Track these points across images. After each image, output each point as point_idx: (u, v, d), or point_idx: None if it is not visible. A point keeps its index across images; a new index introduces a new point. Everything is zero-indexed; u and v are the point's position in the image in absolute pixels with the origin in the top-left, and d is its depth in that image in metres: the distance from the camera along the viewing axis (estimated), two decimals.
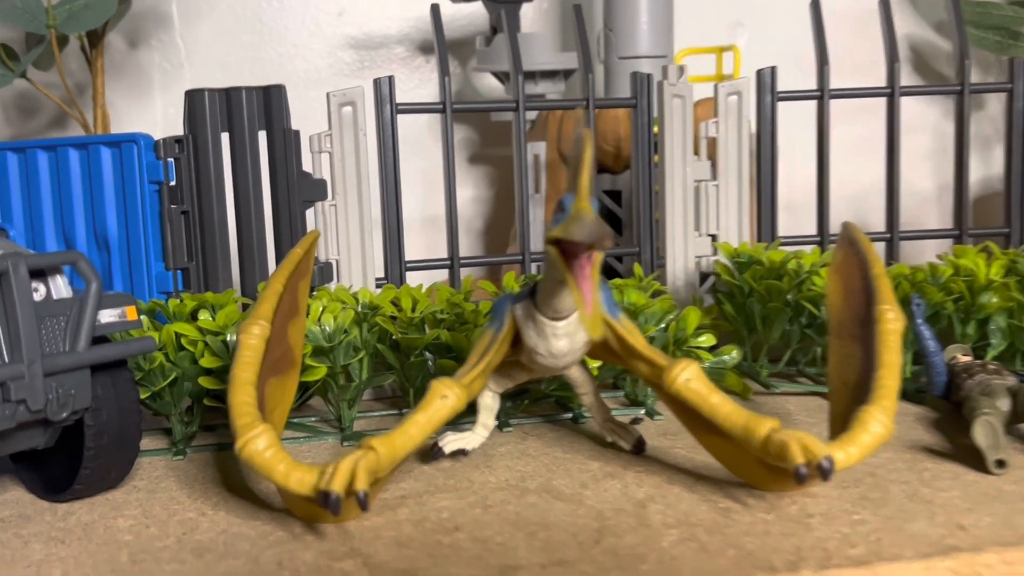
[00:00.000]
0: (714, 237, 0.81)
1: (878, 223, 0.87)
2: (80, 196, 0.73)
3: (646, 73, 0.79)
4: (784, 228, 0.83)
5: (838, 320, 0.56)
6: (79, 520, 0.52)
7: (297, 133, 0.72)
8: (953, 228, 0.84)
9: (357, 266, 0.74)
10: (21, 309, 0.47)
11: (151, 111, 1.13)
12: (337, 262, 0.74)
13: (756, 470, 0.51)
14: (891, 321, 0.51)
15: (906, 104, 0.83)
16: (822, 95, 0.81)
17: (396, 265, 0.75)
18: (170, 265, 0.72)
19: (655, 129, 0.81)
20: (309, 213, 0.74)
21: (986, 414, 0.54)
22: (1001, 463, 0.53)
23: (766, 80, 0.80)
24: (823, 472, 0.45)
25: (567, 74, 1.05)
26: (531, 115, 1.03)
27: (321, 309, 0.61)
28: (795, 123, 0.87)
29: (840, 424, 0.52)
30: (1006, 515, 0.48)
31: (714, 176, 0.81)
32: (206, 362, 0.58)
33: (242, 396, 0.48)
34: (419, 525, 0.49)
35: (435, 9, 0.78)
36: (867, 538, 0.46)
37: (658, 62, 0.96)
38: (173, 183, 0.72)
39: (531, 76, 1.03)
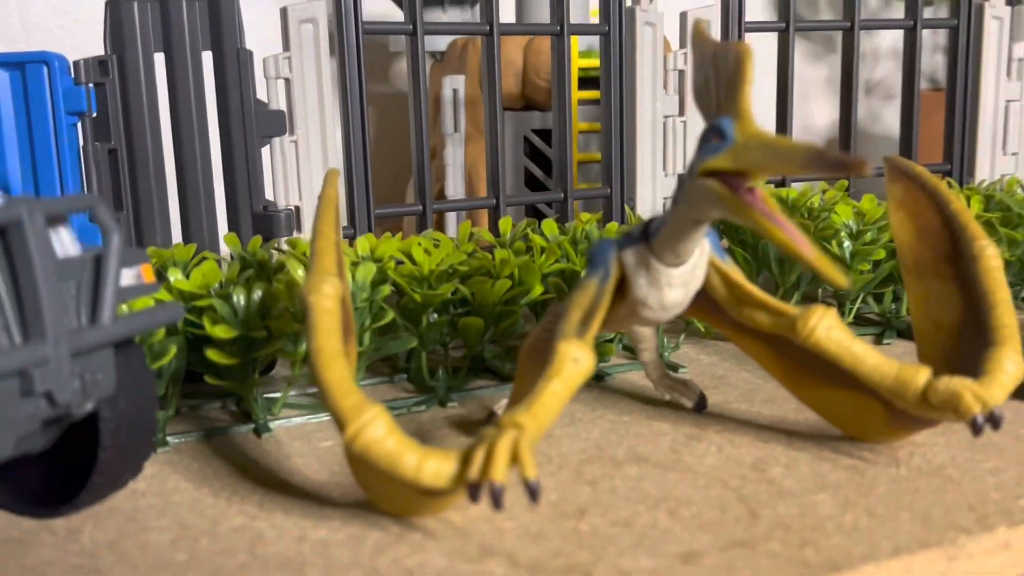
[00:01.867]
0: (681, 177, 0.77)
1: None
2: None
3: None
4: None
5: (915, 259, 0.53)
6: (97, 539, 0.41)
7: (251, 55, 0.61)
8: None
9: None
10: (42, 272, 0.35)
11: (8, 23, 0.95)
12: (297, 209, 0.64)
13: (869, 421, 0.48)
14: (993, 257, 0.49)
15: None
16: (787, 27, 0.78)
17: (364, 212, 0.65)
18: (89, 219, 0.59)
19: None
20: (263, 152, 0.63)
21: None
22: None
23: (733, 9, 0.76)
24: (995, 421, 0.42)
25: (474, 1, 0.97)
26: (441, 46, 0.94)
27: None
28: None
29: (941, 366, 0.49)
30: None
31: (681, 111, 0.76)
32: (219, 332, 0.47)
33: (336, 371, 0.38)
34: (535, 510, 0.42)
35: None
36: (1023, 487, 0.43)
37: None
38: (96, 114, 0.59)
39: (439, 3, 0.94)
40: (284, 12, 0.62)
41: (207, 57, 0.60)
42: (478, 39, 0.87)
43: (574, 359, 0.40)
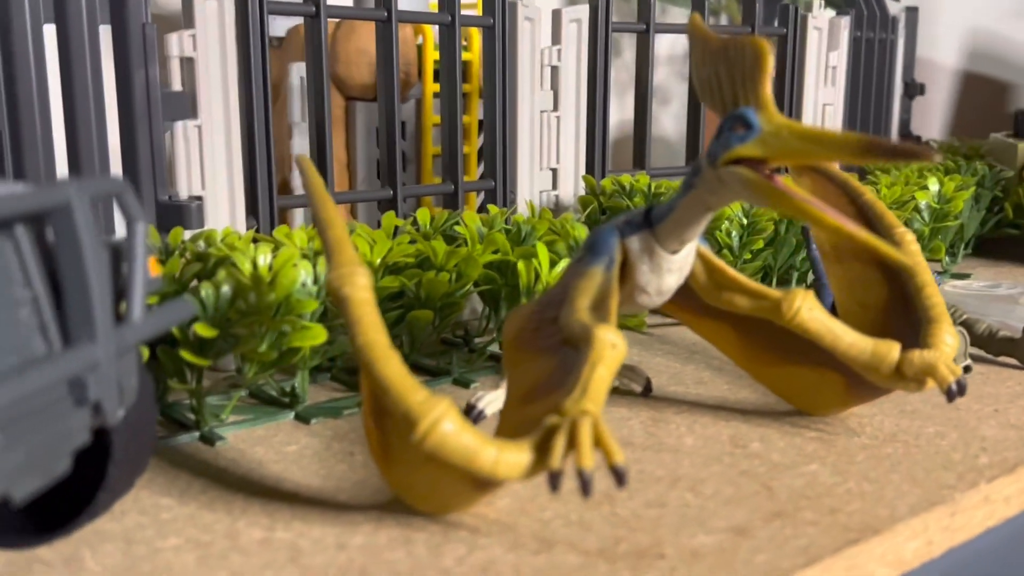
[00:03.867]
0: (554, 171, 0.78)
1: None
2: None
3: None
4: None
5: (832, 245, 0.57)
6: (107, 566, 0.36)
7: (156, 30, 0.55)
8: None
9: (224, 204, 0.60)
10: (92, 262, 0.31)
11: None
12: (201, 199, 0.59)
13: (825, 395, 0.51)
14: (912, 242, 0.54)
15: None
16: (648, 28, 0.81)
17: (267, 202, 0.62)
18: None
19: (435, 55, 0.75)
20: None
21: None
22: (968, 368, 0.59)
23: (602, 9, 0.78)
24: (963, 389, 0.46)
25: None
26: (280, 31, 0.90)
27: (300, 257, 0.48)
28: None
29: None
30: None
31: (556, 107, 0.77)
32: (202, 329, 0.43)
33: (395, 366, 0.36)
34: (563, 499, 0.42)
35: None
36: (972, 447, 0.48)
37: None
38: None
39: None
40: None
41: (105, 31, 0.54)
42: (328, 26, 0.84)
43: (612, 344, 0.40)
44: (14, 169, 0.53)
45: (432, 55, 0.83)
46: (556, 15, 0.77)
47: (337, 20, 0.83)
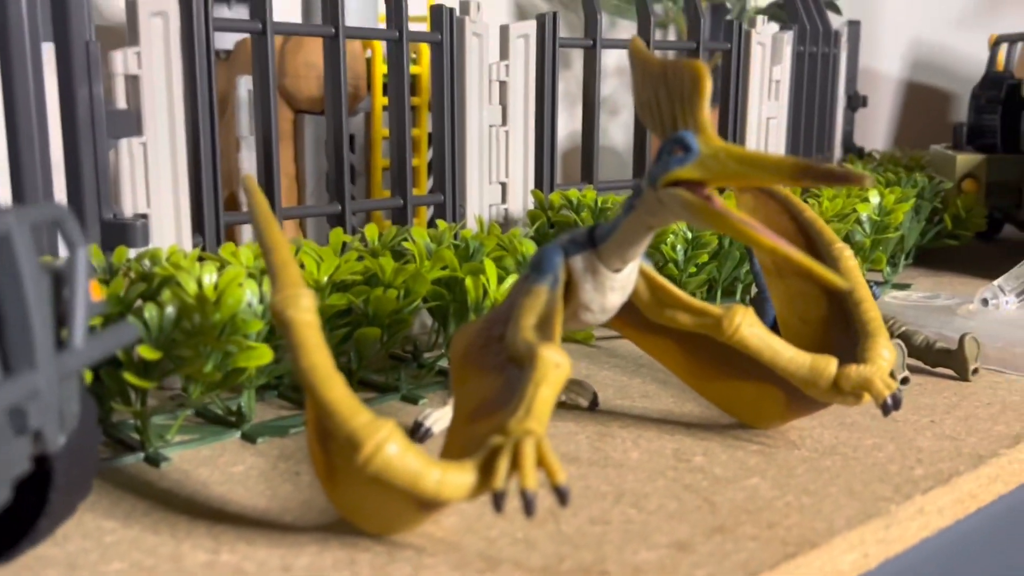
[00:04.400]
0: (503, 185, 0.79)
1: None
2: None
3: (448, 7, 0.73)
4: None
5: (773, 261, 0.58)
6: None
7: (99, 47, 0.55)
8: None
9: (170, 222, 0.60)
10: (32, 289, 0.31)
11: None
12: (146, 217, 0.58)
13: (767, 409, 0.52)
14: (850, 258, 0.55)
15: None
16: (595, 43, 0.82)
17: (213, 220, 0.61)
18: None
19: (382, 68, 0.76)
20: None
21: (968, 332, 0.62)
22: (905, 380, 0.60)
23: (549, 25, 0.79)
24: (898, 403, 0.47)
25: None
26: (227, 44, 0.89)
27: (244, 276, 0.48)
28: None
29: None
30: (960, 421, 0.55)
31: (504, 121, 0.78)
32: (146, 352, 0.43)
33: (338, 390, 0.37)
34: (510, 518, 0.42)
35: None
36: (908, 459, 0.49)
37: None
38: None
39: (225, 0, 0.90)
40: (132, 4, 0.57)
41: (48, 49, 0.54)
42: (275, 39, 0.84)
43: (556, 364, 0.41)
44: None
45: (381, 69, 0.83)
46: (504, 31, 0.77)
47: None
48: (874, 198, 0.85)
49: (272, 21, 0.63)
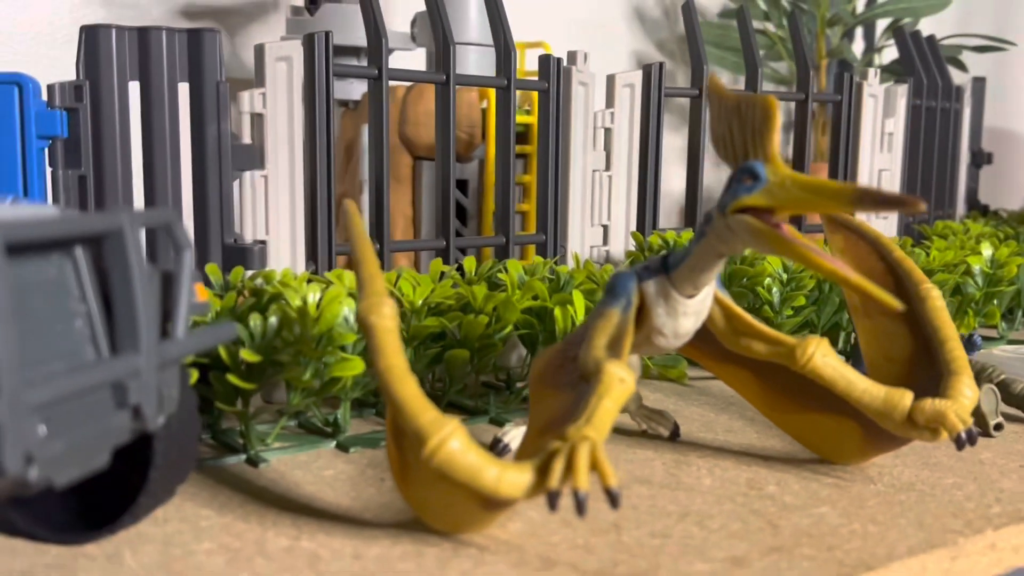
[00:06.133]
0: (605, 228, 0.81)
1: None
2: None
3: (556, 57, 0.77)
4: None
5: (862, 301, 0.59)
6: (145, 563, 0.40)
7: (228, 88, 0.61)
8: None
9: (286, 248, 0.64)
10: (139, 282, 0.35)
11: None
12: (264, 243, 0.63)
13: (844, 444, 0.52)
14: (938, 298, 0.55)
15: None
16: (700, 93, 0.84)
17: (326, 248, 0.66)
18: None
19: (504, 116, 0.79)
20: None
21: (986, 385, 0.60)
22: (999, 426, 0.59)
23: (655, 75, 0.82)
24: (972, 438, 0.47)
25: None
26: (356, 95, 0.95)
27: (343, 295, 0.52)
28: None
29: None
30: None
31: (608, 166, 0.81)
32: (248, 355, 0.47)
33: (410, 388, 0.40)
34: (572, 526, 0.44)
35: None
36: (987, 498, 0.49)
37: (486, 51, 0.95)
38: (67, 139, 0.57)
39: (355, 52, 0.96)
40: (260, 49, 0.62)
41: (183, 88, 0.60)
42: (398, 90, 0.89)
43: (620, 379, 0.43)
44: (96, 208, 0.58)
45: (494, 117, 0.88)
46: (610, 80, 0.80)
47: (409, 84, 0.88)
48: (987, 250, 0.83)
49: (387, 68, 0.68)
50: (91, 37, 0.57)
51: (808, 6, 1.27)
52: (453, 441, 0.38)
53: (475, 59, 0.94)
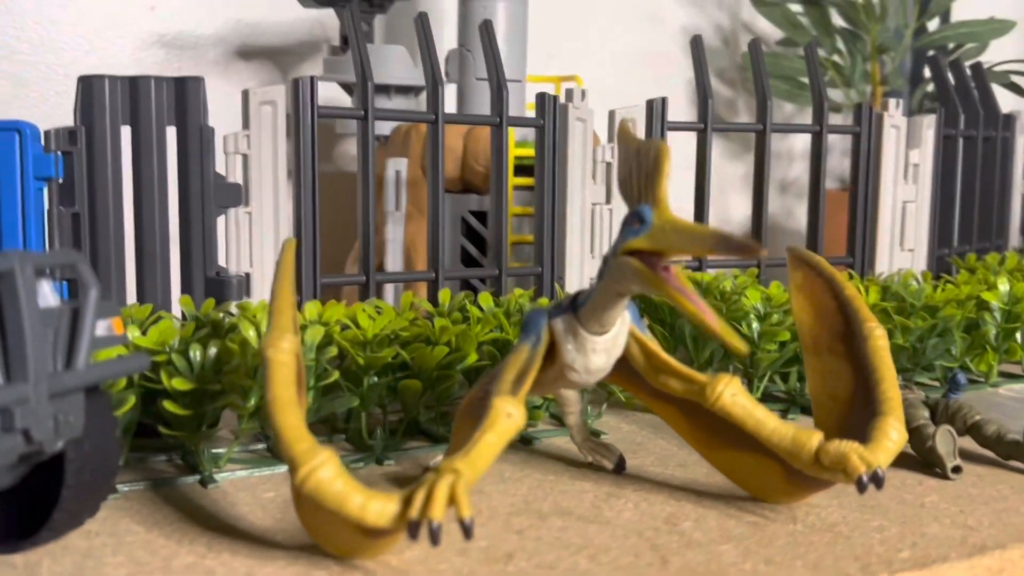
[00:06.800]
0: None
1: None
2: None
3: (552, 95, 0.79)
4: None
5: (813, 338, 0.59)
6: (56, 572, 0.43)
7: (212, 131, 0.65)
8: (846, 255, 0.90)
9: (271, 280, 0.68)
10: (29, 318, 0.39)
11: None
12: (248, 275, 0.67)
13: (769, 482, 0.53)
14: (880, 338, 0.55)
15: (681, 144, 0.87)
16: (705, 127, 0.85)
17: (311, 280, 0.70)
18: (56, 276, 0.62)
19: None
20: (219, 221, 0.67)
21: (943, 426, 0.59)
22: (957, 469, 0.58)
23: (657, 109, 0.83)
24: (878, 481, 0.47)
25: (419, 90, 1.03)
26: (386, 131, 0.99)
27: None
28: None
29: (834, 434, 0.54)
30: (995, 514, 0.53)
31: (608, 200, 0.82)
32: (178, 384, 0.51)
33: (291, 419, 0.42)
34: (466, 555, 0.46)
35: (352, 11, 0.73)
36: (903, 542, 0.48)
37: (514, 86, 0.97)
38: (62, 180, 0.62)
39: (385, 90, 1.00)
40: (245, 94, 0.66)
41: (171, 132, 0.65)
42: (421, 126, 0.93)
43: (507, 414, 0.45)
44: (90, 243, 0.63)
45: (514, 152, 0.90)
46: (611, 115, 0.82)
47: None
48: (1003, 286, 0.81)
49: (373, 108, 0.71)
50: (87, 86, 0.63)
51: (863, 32, 1.25)
52: (323, 470, 0.41)
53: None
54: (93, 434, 0.44)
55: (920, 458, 0.61)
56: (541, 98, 0.79)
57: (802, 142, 1.49)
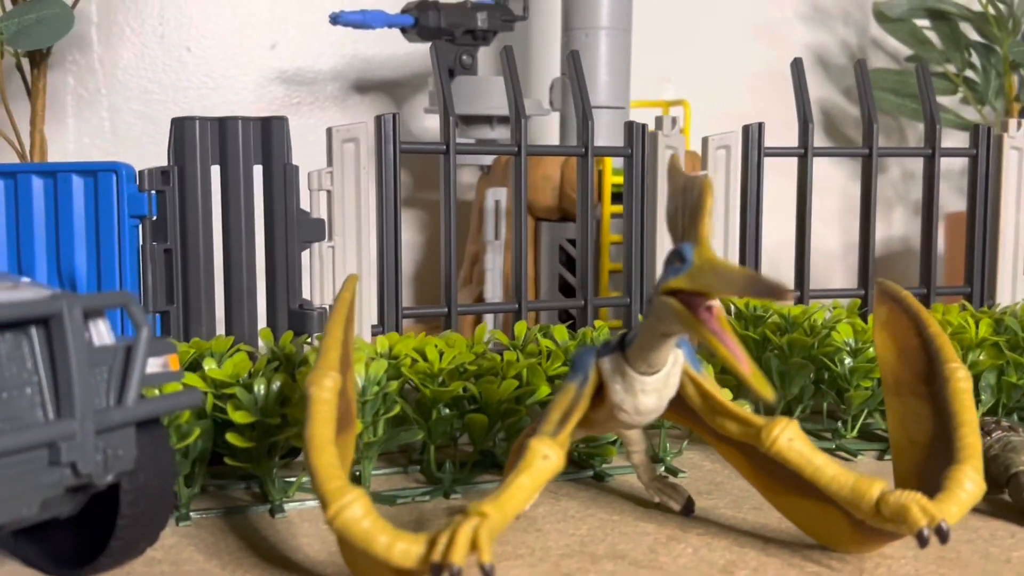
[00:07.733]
0: None
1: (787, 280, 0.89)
2: (42, 229, 0.66)
3: (641, 123, 0.78)
4: None
5: (895, 378, 0.56)
6: None
7: (297, 169, 0.67)
8: (920, 285, 0.86)
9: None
10: (75, 357, 0.41)
11: (62, 137, 1.05)
12: (330, 308, 0.69)
13: (836, 531, 0.50)
14: (962, 380, 0.51)
15: (817, 165, 0.84)
16: (806, 152, 0.82)
17: (393, 313, 0.71)
18: (149, 308, 0.65)
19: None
20: (304, 255, 0.69)
21: None
22: None
23: (753, 135, 0.80)
24: (942, 535, 0.44)
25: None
26: (488, 160, 1.00)
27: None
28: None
29: (912, 481, 0.52)
30: None
31: None
32: (239, 417, 0.52)
33: (326, 457, 0.43)
34: None
35: (437, 47, 0.75)
36: None
37: (616, 113, 0.97)
38: (155, 218, 0.66)
39: (488, 121, 1.01)
40: (329, 132, 0.68)
41: (257, 170, 0.67)
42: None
43: (544, 455, 0.44)
44: (182, 278, 0.66)
45: (610, 180, 0.90)
46: (704, 142, 0.80)
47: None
48: None
49: (455, 142, 0.72)
50: (179, 127, 0.66)
51: (997, 45, 1.19)
52: (352, 509, 0.41)
53: (606, 121, 0.96)
54: (147, 466, 0.46)
55: (1019, 507, 0.57)
56: (629, 127, 0.78)
57: (946, 161, 1.42)
